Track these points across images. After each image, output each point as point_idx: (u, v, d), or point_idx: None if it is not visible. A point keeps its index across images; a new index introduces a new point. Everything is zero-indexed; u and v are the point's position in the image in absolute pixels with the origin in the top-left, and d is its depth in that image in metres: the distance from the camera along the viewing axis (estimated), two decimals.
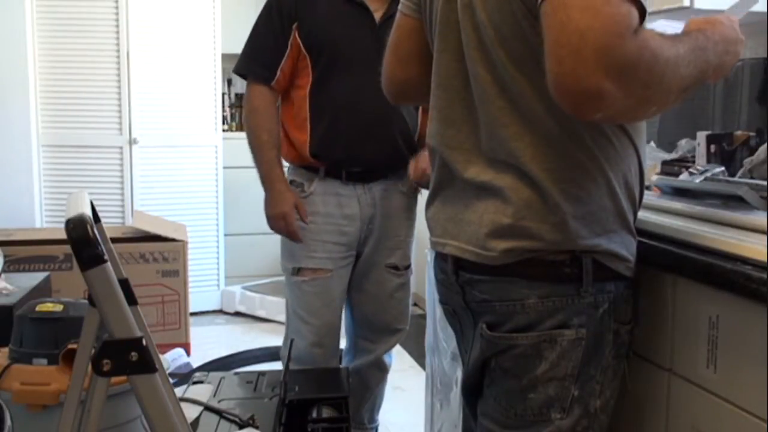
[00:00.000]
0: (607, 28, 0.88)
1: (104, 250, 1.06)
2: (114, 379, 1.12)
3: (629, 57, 0.89)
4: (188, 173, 4.41)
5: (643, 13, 0.92)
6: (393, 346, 2.47)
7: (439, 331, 2.13)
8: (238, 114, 5.11)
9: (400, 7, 1.35)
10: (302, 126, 2.24)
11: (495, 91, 1.11)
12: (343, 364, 2.45)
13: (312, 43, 2.19)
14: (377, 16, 2.21)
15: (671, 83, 0.96)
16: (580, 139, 1.08)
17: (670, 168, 1.77)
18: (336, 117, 2.20)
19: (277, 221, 2.23)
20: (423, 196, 1.98)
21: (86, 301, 1.26)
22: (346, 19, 2.20)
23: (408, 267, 2.40)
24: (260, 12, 2.26)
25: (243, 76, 2.33)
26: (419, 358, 3.49)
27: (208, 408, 1.94)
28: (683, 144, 1.85)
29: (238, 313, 4.52)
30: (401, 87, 1.41)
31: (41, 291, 2.55)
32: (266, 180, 2.24)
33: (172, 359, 3.52)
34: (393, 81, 1.40)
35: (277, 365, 2.83)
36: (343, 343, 2.50)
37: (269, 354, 3.61)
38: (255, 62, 2.25)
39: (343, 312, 2.40)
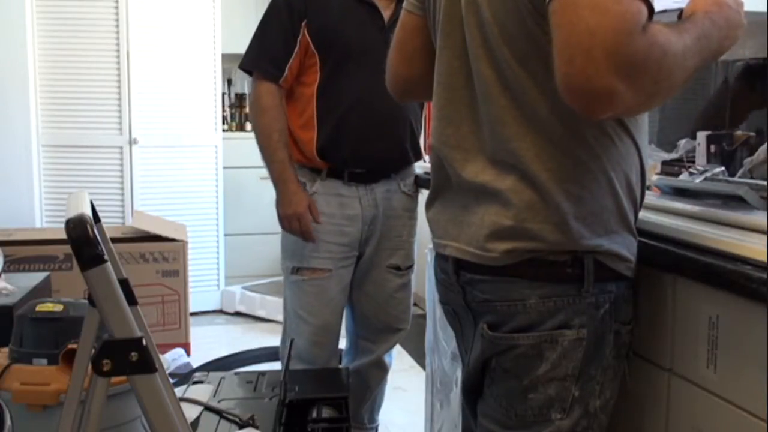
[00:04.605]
0: (617, 27, 0.87)
1: (104, 250, 1.06)
2: (114, 379, 1.12)
3: (639, 55, 0.89)
4: (188, 173, 4.41)
5: (651, 9, 0.92)
6: (393, 345, 2.47)
7: (439, 331, 2.13)
8: (238, 114, 5.11)
9: (404, 4, 1.35)
10: (307, 124, 2.22)
11: (498, 90, 1.11)
12: (344, 364, 2.45)
13: (322, 42, 2.17)
14: (385, 15, 2.20)
15: (678, 76, 0.96)
16: (582, 138, 1.08)
17: (670, 168, 1.77)
18: (345, 116, 2.19)
19: (291, 221, 2.21)
20: (423, 195, 1.98)
21: (86, 301, 1.26)
22: (357, 18, 2.18)
23: (410, 267, 2.40)
24: (267, 8, 2.23)
25: (249, 72, 2.29)
26: (419, 358, 3.49)
27: (208, 408, 1.94)
28: (683, 144, 1.85)
29: (238, 313, 4.52)
30: (405, 85, 1.41)
31: (41, 291, 2.55)
32: (279, 180, 2.21)
33: (172, 359, 3.52)
34: (397, 78, 1.40)
35: (277, 365, 2.83)
36: (343, 343, 2.50)
37: (269, 354, 3.61)
38: (263, 59, 2.21)
39: (344, 312, 2.40)
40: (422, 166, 2.49)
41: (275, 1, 2.23)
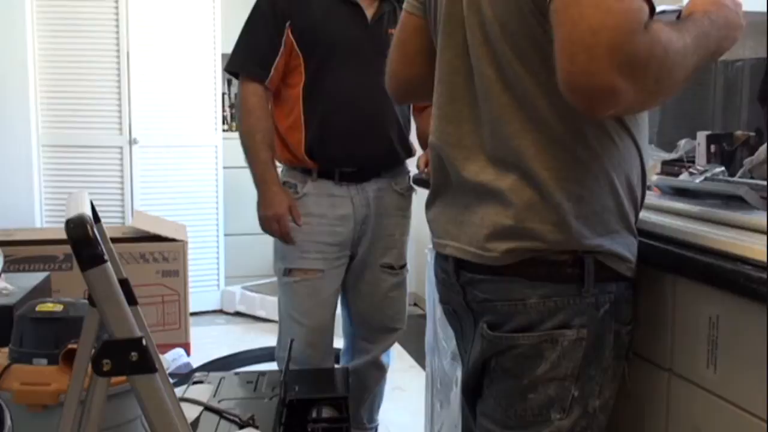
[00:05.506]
0: (620, 25, 0.87)
1: (104, 250, 1.06)
2: (114, 379, 1.12)
3: (641, 54, 0.89)
4: (188, 173, 4.41)
5: (652, 7, 0.92)
6: (390, 345, 2.46)
7: (439, 331, 2.13)
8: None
9: (405, 6, 1.36)
10: (295, 125, 2.23)
11: (499, 88, 1.11)
12: (341, 365, 2.44)
13: (306, 42, 2.18)
14: (368, 13, 2.21)
15: (679, 74, 0.97)
16: (583, 138, 1.08)
17: (670, 168, 1.76)
18: (331, 116, 2.20)
19: (270, 223, 2.21)
20: (421, 195, 1.98)
21: (86, 301, 1.26)
22: (340, 18, 2.19)
23: (403, 266, 2.40)
24: (251, 11, 2.24)
25: (234, 74, 2.31)
26: (419, 358, 3.48)
27: (208, 408, 1.94)
28: (683, 144, 1.85)
29: (238, 313, 4.52)
30: (406, 86, 1.41)
31: (41, 291, 2.55)
32: (260, 181, 2.22)
33: (172, 359, 3.52)
34: (398, 80, 1.41)
35: None
36: (340, 344, 2.49)
37: (269, 354, 3.60)
38: (249, 60, 2.23)
39: (341, 312, 2.40)
40: None
41: (259, 3, 2.24)
